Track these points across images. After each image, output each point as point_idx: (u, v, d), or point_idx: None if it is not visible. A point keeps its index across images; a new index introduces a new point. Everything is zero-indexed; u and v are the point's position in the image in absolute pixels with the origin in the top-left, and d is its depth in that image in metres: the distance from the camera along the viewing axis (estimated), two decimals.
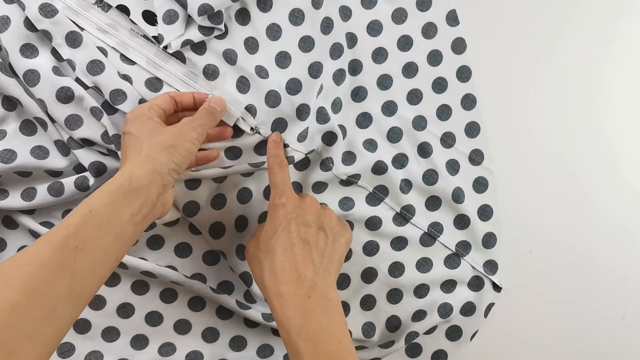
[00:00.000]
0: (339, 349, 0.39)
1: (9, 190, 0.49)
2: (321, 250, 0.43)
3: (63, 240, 0.34)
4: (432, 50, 0.54)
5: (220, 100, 0.47)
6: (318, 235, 0.44)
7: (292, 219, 0.43)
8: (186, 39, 0.48)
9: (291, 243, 0.42)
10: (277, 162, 0.47)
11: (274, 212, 0.44)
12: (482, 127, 0.55)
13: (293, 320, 0.39)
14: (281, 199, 0.44)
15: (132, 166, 0.39)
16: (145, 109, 0.44)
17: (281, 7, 0.52)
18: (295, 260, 0.42)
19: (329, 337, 0.39)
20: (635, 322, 0.59)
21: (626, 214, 0.58)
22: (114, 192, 0.38)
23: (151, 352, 0.54)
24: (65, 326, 0.34)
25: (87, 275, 0.35)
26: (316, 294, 0.41)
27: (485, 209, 0.56)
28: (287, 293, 0.40)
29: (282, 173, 0.46)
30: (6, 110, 0.49)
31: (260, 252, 0.43)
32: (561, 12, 0.57)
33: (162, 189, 0.40)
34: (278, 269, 0.41)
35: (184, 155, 0.42)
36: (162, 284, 0.53)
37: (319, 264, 0.42)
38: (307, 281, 0.41)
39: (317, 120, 0.50)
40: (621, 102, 0.57)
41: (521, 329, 0.59)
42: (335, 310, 0.42)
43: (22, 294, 0.32)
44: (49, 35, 0.46)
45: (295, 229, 0.43)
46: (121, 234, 0.37)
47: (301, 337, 0.39)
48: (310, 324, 0.39)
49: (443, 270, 0.56)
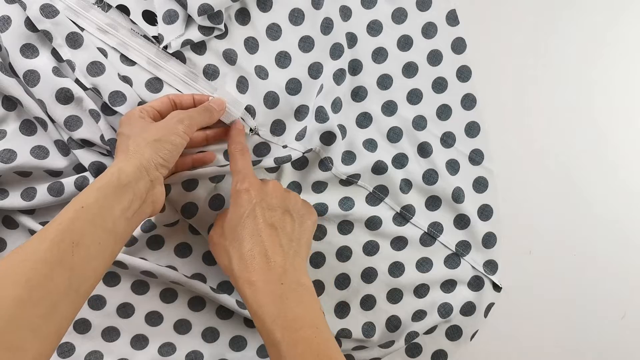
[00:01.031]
0: (316, 335, 0.38)
1: (9, 190, 0.49)
2: (289, 234, 0.43)
3: (58, 235, 0.34)
4: (432, 50, 0.54)
5: (220, 101, 0.47)
6: (284, 219, 0.43)
7: (256, 204, 0.42)
8: (186, 39, 0.48)
9: (258, 229, 0.41)
10: (239, 148, 0.46)
11: (237, 198, 0.43)
12: (482, 127, 0.55)
13: (267, 308, 0.39)
14: (243, 184, 0.43)
15: (119, 162, 0.40)
16: (137, 110, 0.44)
17: (281, 7, 0.52)
18: (264, 247, 0.41)
19: (306, 324, 0.39)
20: (635, 322, 0.59)
21: (626, 214, 0.58)
22: (103, 188, 0.38)
23: (151, 352, 0.53)
24: (65, 322, 0.34)
25: (84, 270, 0.35)
26: (288, 279, 0.40)
27: (485, 209, 0.56)
28: (258, 281, 0.40)
29: (243, 159, 0.45)
30: (6, 110, 0.49)
31: (227, 240, 0.42)
32: (561, 12, 0.57)
33: (150, 184, 0.40)
34: (247, 256, 0.41)
35: (169, 149, 0.41)
36: (162, 284, 0.53)
37: (287, 248, 0.42)
38: (278, 267, 0.40)
39: (316, 120, 0.50)
40: (621, 102, 0.57)
41: (521, 329, 0.59)
42: (310, 296, 0.41)
43: (25, 289, 0.32)
44: (50, 36, 0.46)
45: (260, 214, 0.42)
46: (114, 229, 0.37)
47: (277, 326, 0.38)
48: (285, 312, 0.38)
49: (443, 270, 0.56)
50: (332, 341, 0.39)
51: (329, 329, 0.41)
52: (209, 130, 0.49)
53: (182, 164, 0.49)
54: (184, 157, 0.49)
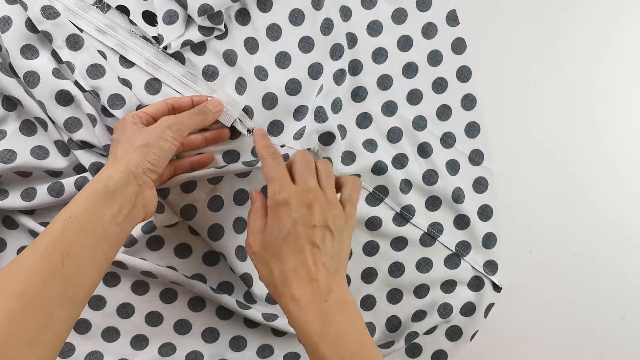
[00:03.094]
0: (362, 351, 0.39)
1: (8, 191, 0.49)
2: (329, 252, 0.42)
3: (48, 247, 0.35)
4: (432, 50, 0.54)
5: (216, 101, 0.47)
6: (324, 236, 0.42)
7: (297, 220, 0.41)
8: (186, 39, 0.48)
9: (300, 247, 0.41)
10: (270, 152, 0.43)
11: (276, 211, 0.41)
12: (482, 127, 0.55)
13: (313, 325, 0.39)
14: (281, 194, 0.41)
15: (107, 169, 0.40)
16: (130, 116, 0.44)
17: (281, 7, 0.51)
18: (307, 265, 0.40)
19: (352, 341, 0.39)
20: (635, 322, 0.59)
21: (626, 214, 0.58)
22: (91, 196, 0.38)
23: (151, 352, 0.53)
24: (63, 331, 0.35)
25: (78, 279, 0.36)
26: (332, 297, 0.40)
27: (485, 209, 0.56)
28: (303, 298, 0.39)
29: (276, 164, 0.42)
30: (6, 111, 0.49)
31: (267, 255, 0.41)
32: (561, 13, 0.57)
33: (139, 188, 0.41)
34: (290, 275, 0.40)
35: (158, 154, 0.41)
36: (162, 284, 0.53)
37: (330, 266, 0.41)
38: (322, 285, 0.40)
39: (315, 120, 0.50)
40: (621, 102, 0.57)
41: (521, 329, 0.59)
42: (354, 313, 0.41)
43: (19, 302, 0.32)
44: (49, 37, 0.46)
45: (303, 233, 0.41)
46: (105, 235, 0.38)
47: (323, 342, 0.38)
48: (331, 329, 0.39)
49: (443, 271, 0.56)
50: (378, 357, 0.39)
51: (374, 344, 0.41)
52: (208, 132, 0.49)
53: (180, 167, 0.49)
54: (181, 159, 0.49)
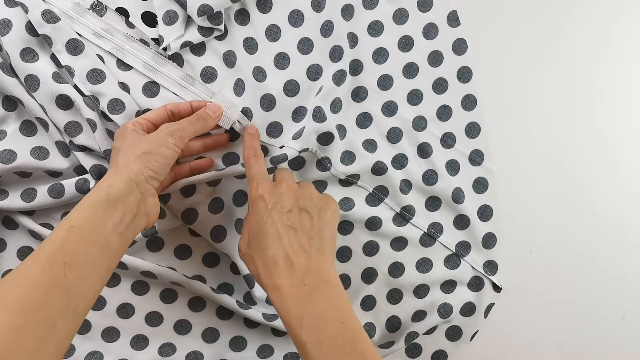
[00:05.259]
0: (341, 331, 0.38)
1: (8, 191, 0.49)
2: (308, 232, 0.43)
3: (50, 257, 0.35)
4: (432, 50, 0.54)
5: (215, 107, 0.47)
6: (301, 218, 0.43)
7: (271, 208, 0.43)
8: (186, 40, 0.48)
9: (277, 233, 0.41)
10: (252, 153, 0.46)
11: (254, 206, 0.43)
12: (483, 128, 0.55)
13: (292, 311, 0.39)
14: (257, 190, 0.44)
15: (109, 178, 0.40)
16: (130, 123, 0.44)
17: (281, 8, 0.51)
18: (285, 251, 0.41)
19: (330, 321, 0.39)
20: (635, 322, 0.59)
21: (626, 214, 0.58)
22: (93, 205, 0.38)
23: (151, 353, 0.54)
24: (65, 342, 0.34)
25: (79, 288, 0.35)
26: (310, 279, 0.40)
27: (485, 209, 0.56)
28: (284, 285, 0.40)
29: (257, 164, 0.46)
30: (6, 111, 0.49)
31: (251, 249, 0.43)
32: (561, 13, 0.57)
33: (141, 197, 0.41)
34: (270, 262, 0.41)
35: (160, 162, 0.42)
36: (162, 285, 0.53)
37: (309, 247, 0.42)
38: (301, 268, 0.40)
39: (313, 120, 0.50)
40: (621, 102, 0.57)
41: (521, 329, 0.59)
42: (334, 290, 0.41)
43: (20, 315, 0.32)
44: (49, 40, 0.46)
45: (277, 218, 0.42)
46: (107, 245, 0.38)
47: (302, 327, 0.38)
48: (309, 312, 0.39)
49: (443, 271, 0.56)
50: (359, 331, 0.39)
51: (356, 319, 0.40)
52: (207, 139, 0.49)
53: (179, 172, 0.49)
54: (181, 165, 0.49)
